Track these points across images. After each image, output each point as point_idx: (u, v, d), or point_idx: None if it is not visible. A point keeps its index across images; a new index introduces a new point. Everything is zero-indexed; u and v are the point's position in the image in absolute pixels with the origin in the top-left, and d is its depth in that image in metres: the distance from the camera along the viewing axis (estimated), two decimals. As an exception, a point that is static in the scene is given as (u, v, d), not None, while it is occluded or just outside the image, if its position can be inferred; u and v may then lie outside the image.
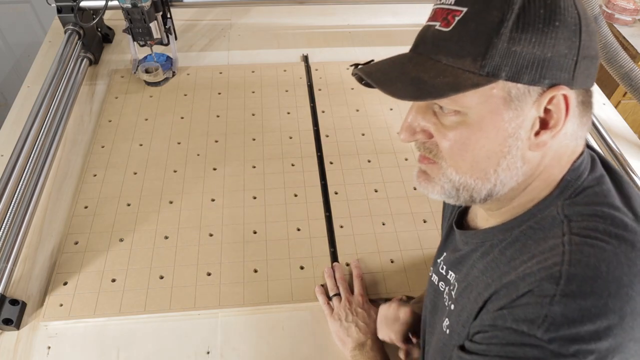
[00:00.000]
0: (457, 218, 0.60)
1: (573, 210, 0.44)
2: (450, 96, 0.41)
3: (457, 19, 0.42)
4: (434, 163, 0.47)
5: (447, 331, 0.53)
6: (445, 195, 0.48)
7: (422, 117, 0.46)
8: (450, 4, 0.43)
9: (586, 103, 0.44)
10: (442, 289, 0.59)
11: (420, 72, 0.42)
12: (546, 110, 0.42)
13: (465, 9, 0.41)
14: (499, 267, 0.47)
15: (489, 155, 0.43)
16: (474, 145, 0.43)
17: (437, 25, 0.43)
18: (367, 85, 0.48)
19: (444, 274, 0.59)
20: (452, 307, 0.54)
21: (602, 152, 0.50)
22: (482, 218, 0.55)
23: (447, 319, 0.54)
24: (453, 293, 0.55)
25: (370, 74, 0.45)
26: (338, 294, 0.79)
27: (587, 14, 0.42)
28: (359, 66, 0.48)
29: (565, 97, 0.41)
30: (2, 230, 0.78)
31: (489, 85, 0.40)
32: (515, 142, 0.43)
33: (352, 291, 0.79)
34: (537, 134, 0.42)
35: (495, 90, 0.41)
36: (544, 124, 0.42)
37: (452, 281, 0.57)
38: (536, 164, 0.45)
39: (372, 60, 0.48)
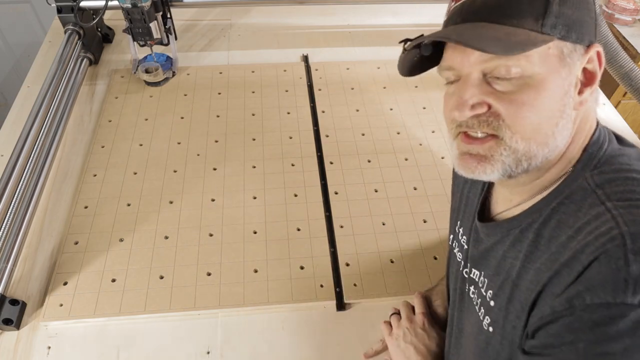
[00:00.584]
0: (480, 209, 0.59)
1: (603, 178, 0.45)
2: (530, 50, 0.43)
3: None
4: (491, 139, 0.47)
5: (490, 329, 0.52)
6: (503, 171, 0.47)
7: (479, 90, 0.46)
8: None
9: None
10: (470, 288, 0.58)
11: (493, 33, 0.44)
12: (584, 69, 0.46)
13: None
14: (541, 249, 0.47)
15: (550, 115, 0.45)
16: (539, 105, 0.45)
17: None
18: (414, 70, 0.51)
19: (470, 272, 0.58)
20: (492, 303, 0.52)
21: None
22: (505, 200, 0.55)
23: (487, 318, 0.53)
24: (485, 290, 0.54)
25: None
26: (397, 313, 0.75)
27: None
28: (419, 37, 0.49)
29: (599, 54, 0.46)
30: (2, 230, 0.78)
31: (547, 44, 0.44)
32: (568, 100, 0.46)
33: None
34: (579, 92, 0.46)
35: (551, 49, 0.44)
36: (582, 83, 0.46)
37: (480, 278, 0.56)
38: (573, 126, 0.47)
39: (422, 35, 0.49)
